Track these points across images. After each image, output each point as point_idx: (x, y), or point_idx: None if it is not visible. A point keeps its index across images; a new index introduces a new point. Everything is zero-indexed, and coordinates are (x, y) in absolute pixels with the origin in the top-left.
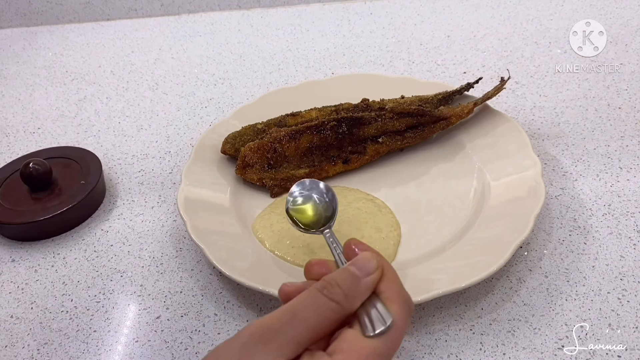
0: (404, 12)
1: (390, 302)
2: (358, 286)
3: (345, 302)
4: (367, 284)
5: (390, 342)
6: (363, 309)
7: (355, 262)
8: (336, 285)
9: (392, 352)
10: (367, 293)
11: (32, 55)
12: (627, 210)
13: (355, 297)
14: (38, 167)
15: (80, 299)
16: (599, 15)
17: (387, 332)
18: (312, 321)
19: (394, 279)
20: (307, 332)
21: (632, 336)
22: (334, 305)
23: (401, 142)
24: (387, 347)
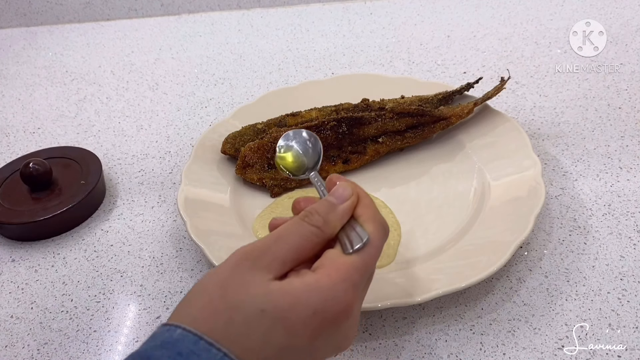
0: (404, 12)
1: (366, 223)
2: (335, 212)
3: (324, 227)
4: (343, 209)
5: (368, 256)
6: (343, 232)
7: (332, 192)
8: (315, 213)
9: (369, 266)
10: (345, 217)
11: (32, 55)
12: (627, 210)
13: (334, 221)
14: (38, 167)
15: (80, 299)
16: (599, 15)
17: (364, 249)
18: (295, 242)
19: (370, 204)
20: (291, 252)
21: (632, 336)
22: (315, 229)
23: (401, 142)
24: (365, 261)
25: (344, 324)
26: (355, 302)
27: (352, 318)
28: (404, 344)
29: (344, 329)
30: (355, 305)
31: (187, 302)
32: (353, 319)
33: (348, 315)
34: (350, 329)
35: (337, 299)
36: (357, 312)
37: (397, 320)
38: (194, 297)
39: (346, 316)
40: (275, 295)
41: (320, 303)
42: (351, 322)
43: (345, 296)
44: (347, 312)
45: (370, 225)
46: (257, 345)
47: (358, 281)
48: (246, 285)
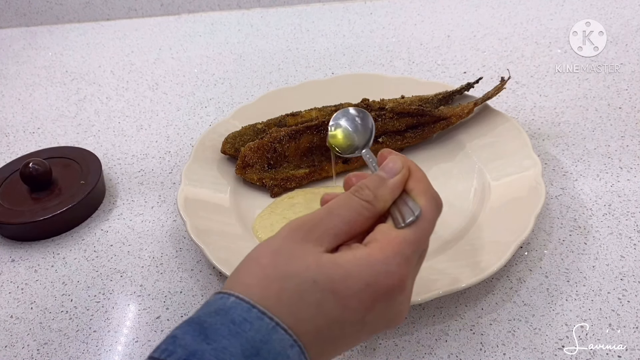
0: (404, 12)
1: (418, 196)
2: (385, 186)
3: (375, 201)
4: (394, 183)
5: (420, 231)
6: (394, 206)
7: (382, 166)
8: (366, 188)
9: (422, 241)
10: (396, 191)
11: (32, 55)
12: (628, 210)
13: (384, 195)
14: (38, 167)
15: (80, 299)
16: (599, 15)
17: (416, 222)
18: (347, 216)
19: (422, 178)
20: (343, 225)
21: (632, 336)
22: (366, 204)
23: (401, 142)
24: (417, 235)
25: (397, 299)
26: (408, 277)
27: (405, 293)
28: (404, 344)
29: (396, 304)
30: (408, 279)
31: (240, 270)
32: (406, 294)
33: (401, 289)
34: (403, 304)
35: (390, 273)
36: (410, 287)
37: None
38: (246, 266)
39: (399, 290)
40: (327, 267)
41: (372, 276)
42: (404, 297)
43: (399, 269)
44: (400, 287)
45: (423, 198)
46: (309, 316)
47: (411, 255)
48: (298, 255)
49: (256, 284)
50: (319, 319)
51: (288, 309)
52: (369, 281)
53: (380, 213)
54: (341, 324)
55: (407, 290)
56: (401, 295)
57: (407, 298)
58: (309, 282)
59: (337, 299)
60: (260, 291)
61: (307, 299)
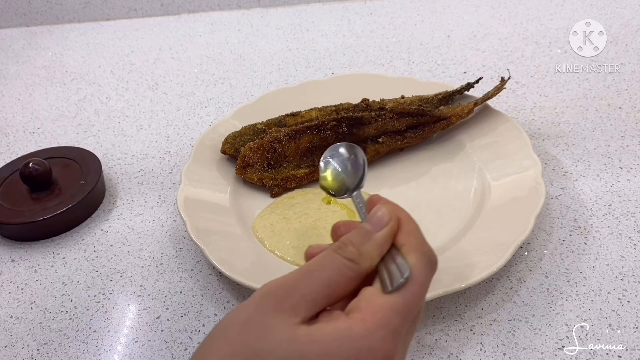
0: (404, 12)
1: (409, 254)
2: (371, 241)
3: (359, 259)
4: (380, 237)
5: (410, 295)
6: (383, 265)
7: (369, 217)
8: (349, 244)
9: (412, 307)
10: (384, 247)
11: (31, 55)
12: (628, 210)
13: (370, 252)
14: (38, 167)
15: (80, 299)
16: (599, 15)
17: (406, 286)
18: (327, 278)
19: (413, 231)
20: (323, 289)
21: (633, 336)
22: (349, 262)
23: (401, 142)
24: (406, 301)
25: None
26: (396, 351)
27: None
28: None
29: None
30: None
31: (207, 346)
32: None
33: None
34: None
35: (374, 350)
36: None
37: None
38: (214, 341)
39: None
40: (301, 343)
41: (353, 354)
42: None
43: (384, 345)
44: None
45: (413, 256)
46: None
47: (399, 326)
48: (269, 328)
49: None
50: None
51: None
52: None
53: (367, 272)
54: None
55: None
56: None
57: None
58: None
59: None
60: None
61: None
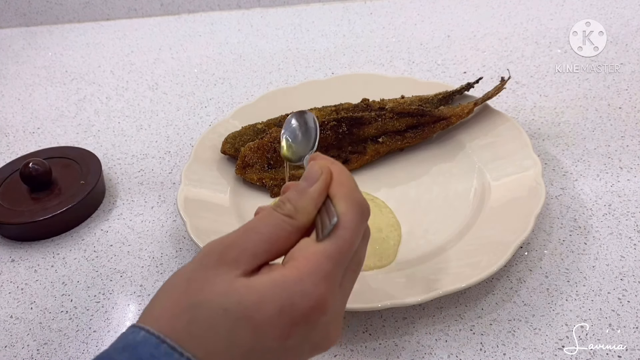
0: (404, 12)
1: (338, 203)
2: (305, 196)
3: (296, 214)
4: (313, 191)
5: (340, 241)
6: (318, 217)
7: (304, 174)
8: (287, 201)
9: (344, 252)
10: (319, 200)
11: (31, 55)
12: (628, 210)
13: (306, 206)
14: (38, 167)
15: (79, 299)
16: (599, 15)
17: (335, 232)
18: (266, 233)
19: (344, 181)
20: (262, 243)
21: (633, 336)
22: (287, 218)
23: (401, 142)
24: (337, 247)
25: (319, 321)
26: (330, 295)
27: (328, 314)
28: (404, 344)
29: (320, 327)
30: (329, 299)
31: (154, 300)
32: (331, 315)
33: (323, 311)
34: (330, 326)
35: (306, 293)
36: (335, 307)
37: (397, 321)
38: (159, 295)
39: (320, 312)
40: (239, 293)
41: (287, 299)
42: (329, 319)
43: (316, 289)
44: (320, 308)
45: (342, 204)
46: (222, 347)
47: (331, 271)
48: (210, 281)
49: (166, 316)
50: (233, 349)
51: (199, 341)
52: (283, 305)
53: (306, 226)
54: (259, 354)
55: (332, 311)
56: (323, 316)
57: (334, 319)
58: (219, 310)
59: (250, 326)
60: (170, 322)
61: (218, 329)
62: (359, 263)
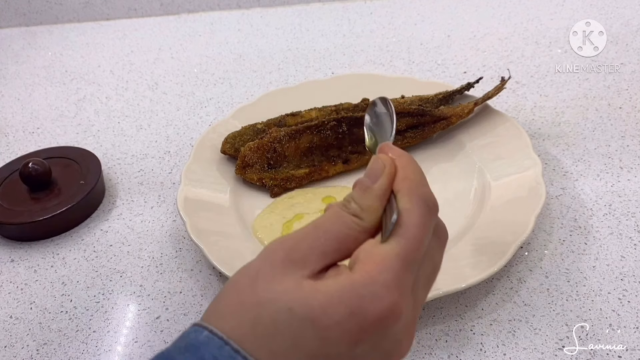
0: (404, 12)
1: (402, 199)
2: (368, 194)
3: (362, 214)
4: (377, 188)
5: (406, 240)
6: (383, 216)
7: (366, 171)
8: (352, 200)
9: (412, 251)
10: (383, 197)
11: (31, 55)
12: (628, 210)
13: (370, 205)
14: (37, 167)
15: (79, 299)
16: (599, 15)
17: (399, 231)
18: (336, 232)
19: (409, 175)
20: (331, 242)
21: (633, 336)
22: (354, 218)
23: (401, 142)
24: (404, 246)
25: (392, 329)
26: (403, 300)
27: (401, 321)
28: None
29: (393, 334)
30: (402, 304)
31: (219, 297)
32: (404, 321)
33: (395, 317)
34: (403, 333)
35: (377, 296)
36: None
37: None
38: (225, 292)
39: (393, 319)
40: (306, 292)
41: (356, 303)
42: (402, 325)
43: (388, 292)
44: (393, 314)
45: (406, 200)
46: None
47: (401, 271)
48: (277, 279)
49: (231, 313)
50: (297, 353)
51: (263, 341)
52: (352, 308)
53: (374, 226)
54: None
55: (405, 316)
56: (396, 324)
57: (408, 325)
58: (285, 310)
59: (316, 330)
60: (234, 322)
61: (283, 330)
62: (434, 268)
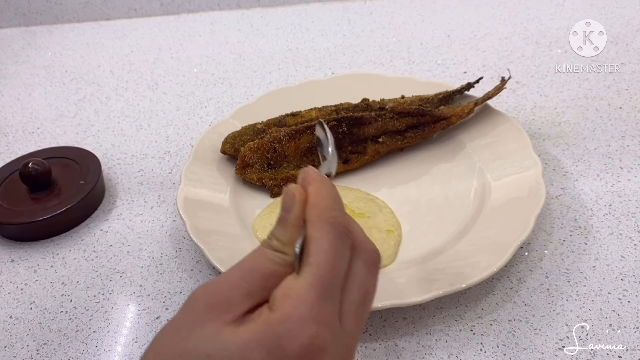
0: (404, 12)
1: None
2: (287, 227)
3: (286, 248)
4: (292, 221)
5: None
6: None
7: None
8: (272, 237)
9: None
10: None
11: (31, 55)
12: (628, 210)
13: (289, 238)
14: (37, 167)
15: (79, 300)
16: (599, 15)
17: (307, 260)
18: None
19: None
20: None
21: (633, 336)
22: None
23: (401, 142)
24: (314, 275)
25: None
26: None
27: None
28: (404, 344)
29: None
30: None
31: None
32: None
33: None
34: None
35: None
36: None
37: (397, 321)
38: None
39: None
40: (224, 338)
41: (274, 342)
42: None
43: (304, 326)
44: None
45: (311, 227)
46: None
47: (316, 302)
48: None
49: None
50: None
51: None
52: (270, 349)
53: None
54: None
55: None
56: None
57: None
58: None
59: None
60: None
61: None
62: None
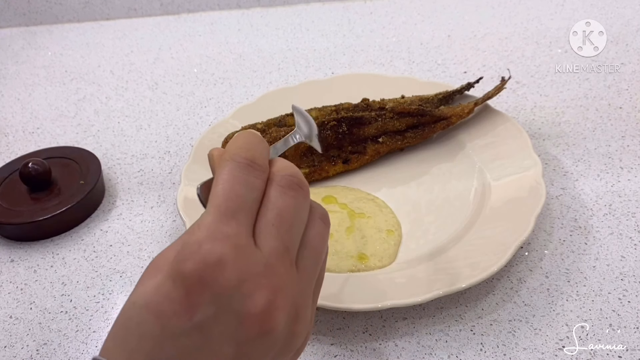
0: (404, 12)
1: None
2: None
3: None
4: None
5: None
6: None
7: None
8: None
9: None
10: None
11: (31, 55)
12: (628, 210)
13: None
14: (37, 167)
15: (79, 300)
16: (599, 15)
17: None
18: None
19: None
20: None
21: (633, 336)
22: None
23: (401, 142)
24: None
25: (221, 280)
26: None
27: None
28: (404, 344)
29: (231, 288)
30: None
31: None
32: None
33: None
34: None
35: (188, 254)
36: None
37: (398, 321)
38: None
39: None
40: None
41: (173, 267)
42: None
43: (198, 246)
44: (209, 261)
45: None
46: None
47: (212, 224)
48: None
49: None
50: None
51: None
52: (170, 273)
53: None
54: (171, 339)
55: (235, 265)
56: (223, 273)
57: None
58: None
59: (151, 312)
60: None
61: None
62: (279, 212)
